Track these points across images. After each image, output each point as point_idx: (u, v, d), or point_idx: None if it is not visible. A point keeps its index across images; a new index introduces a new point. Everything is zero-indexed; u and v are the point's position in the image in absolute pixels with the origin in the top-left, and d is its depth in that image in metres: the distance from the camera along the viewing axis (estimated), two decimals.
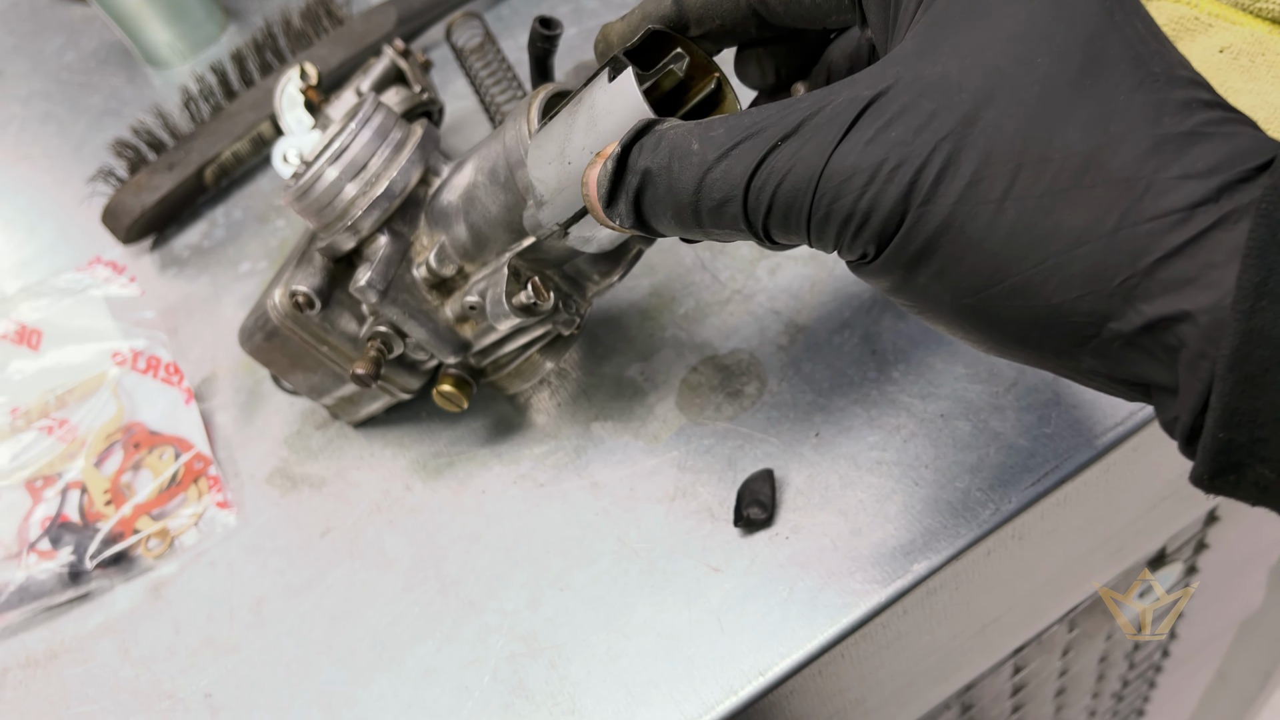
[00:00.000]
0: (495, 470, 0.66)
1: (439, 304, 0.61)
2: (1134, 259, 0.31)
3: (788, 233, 0.38)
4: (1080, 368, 0.35)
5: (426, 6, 0.95)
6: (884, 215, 0.35)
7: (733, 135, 0.38)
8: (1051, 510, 0.58)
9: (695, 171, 0.39)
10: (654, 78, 0.47)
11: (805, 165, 0.36)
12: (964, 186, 0.33)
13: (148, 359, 0.77)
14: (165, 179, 0.87)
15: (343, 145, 0.58)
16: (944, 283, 0.35)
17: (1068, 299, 0.33)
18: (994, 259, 0.34)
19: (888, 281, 0.38)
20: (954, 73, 0.34)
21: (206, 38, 1.08)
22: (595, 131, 0.45)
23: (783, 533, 0.59)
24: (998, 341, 0.37)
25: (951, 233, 0.34)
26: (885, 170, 0.34)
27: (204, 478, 0.71)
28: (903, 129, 0.34)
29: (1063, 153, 0.32)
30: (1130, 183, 0.32)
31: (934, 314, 0.38)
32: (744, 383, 0.65)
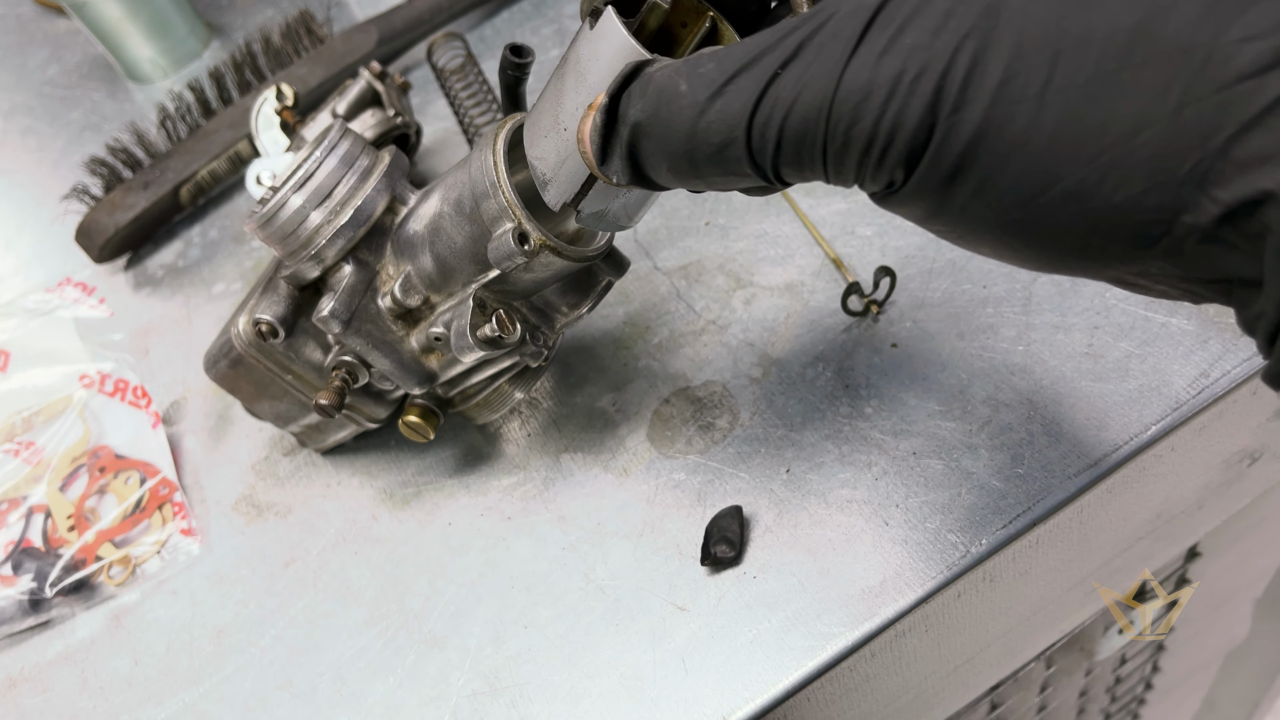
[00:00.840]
0: (462, 501, 0.65)
1: (404, 334, 0.60)
2: (1204, 139, 0.28)
3: (801, 169, 0.35)
4: (1148, 272, 0.32)
5: (408, 26, 0.94)
6: (910, 132, 0.31)
7: (725, 69, 0.34)
8: (1024, 552, 0.57)
9: (687, 115, 0.35)
10: (639, 19, 0.42)
11: (814, 90, 0.32)
12: (996, 85, 0.30)
13: (115, 382, 0.76)
14: (140, 198, 0.86)
15: (308, 172, 0.57)
16: (986, 198, 0.32)
17: (1131, 195, 0.29)
18: (1040, 163, 0.30)
19: (920, 208, 0.34)
20: None
21: (189, 54, 1.07)
22: (584, 85, 0.41)
23: (750, 571, 0.58)
24: (1053, 255, 0.33)
25: (989, 140, 0.30)
26: (906, 81, 0.31)
27: (169, 504, 0.70)
28: (919, 33, 0.31)
29: (1105, 30, 0.29)
30: (1188, 52, 0.28)
31: (976, 237, 0.34)
32: (716, 415, 0.64)
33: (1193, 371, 0.58)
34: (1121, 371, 0.59)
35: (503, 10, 0.99)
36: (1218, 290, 0.31)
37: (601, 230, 0.48)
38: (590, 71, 0.41)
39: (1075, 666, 0.81)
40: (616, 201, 0.46)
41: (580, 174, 0.44)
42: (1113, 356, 0.60)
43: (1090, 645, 0.79)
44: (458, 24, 0.98)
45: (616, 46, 0.40)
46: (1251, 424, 0.64)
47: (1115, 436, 0.57)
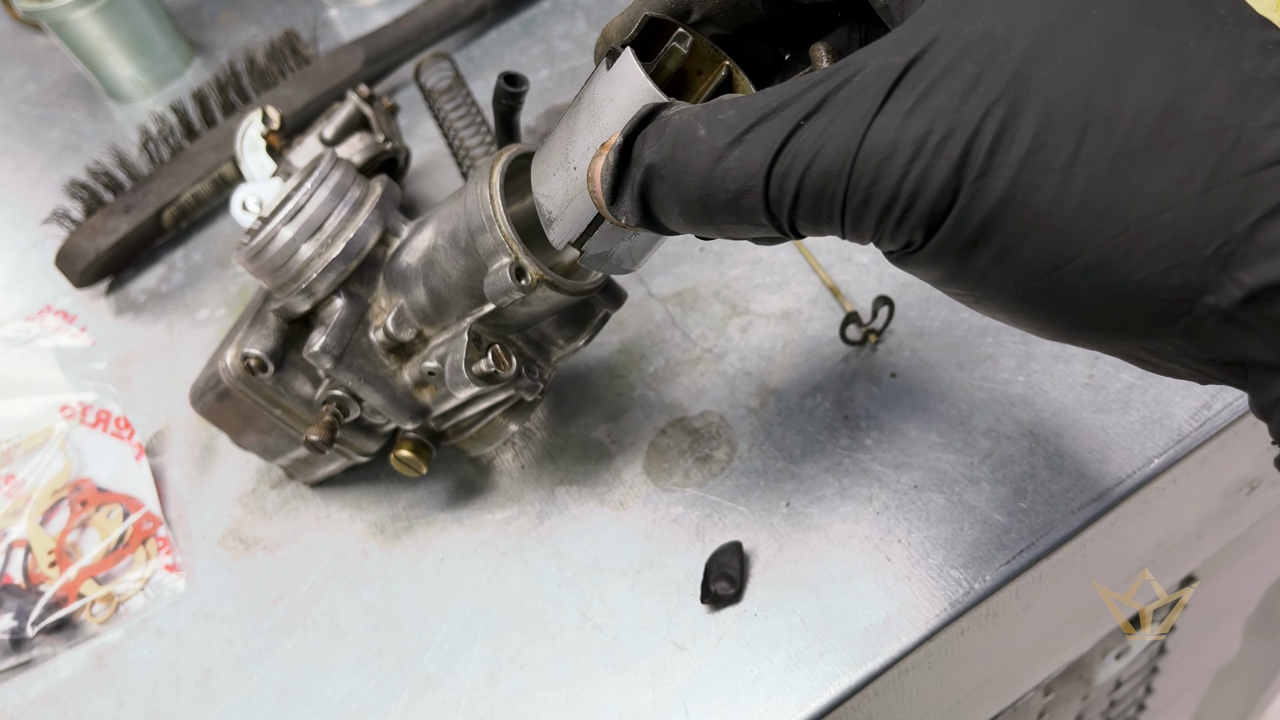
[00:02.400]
0: (455, 536, 0.64)
1: (397, 368, 0.58)
2: (1229, 221, 0.28)
3: (818, 223, 0.34)
4: (1164, 350, 0.32)
5: (394, 46, 0.93)
6: (933, 195, 0.31)
7: (746, 117, 0.34)
8: (1027, 587, 0.56)
9: (704, 160, 0.34)
10: (657, 62, 0.42)
11: (836, 144, 0.32)
12: (1024, 154, 0.30)
13: (97, 413, 0.74)
14: (122, 221, 0.84)
15: (298, 204, 0.56)
16: (1006, 266, 0.32)
17: (1154, 273, 0.29)
18: (1064, 234, 0.30)
19: (937, 270, 0.34)
20: (997, 29, 0.31)
21: (170, 72, 1.06)
22: (598, 125, 0.40)
23: (751, 609, 0.57)
24: (1069, 327, 0.33)
25: (1013, 208, 0.30)
26: (932, 143, 0.30)
27: (153, 539, 0.69)
28: (946, 95, 0.30)
29: (1134, 107, 0.29)
30: (1217, 134, 0.28)
31: (994, 303, 0.34)
32: (713, 447, 0.63)
33: (1194, 403, 0.58)
34: (1123, 403, 0.59)
35: (490, 30, 0.98)
36: (1232, 372, 0.31)
37: (604, 272, 0.47)
38: (605, 112, 0.40)
39: (1073, 694, 0.80)
40: (621, 244, 0.45)
41: (587, 214, 0.43)
42: (1114, 388, 0.59)
43: (1088, 673, 0.78)
44: (445, 44, 0.97)
45: (633, 88, 0.39)
46: (1252, 453, 0.64)
47: (1118, 470, 0.57)
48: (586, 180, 0.40)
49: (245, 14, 1.12)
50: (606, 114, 0.40)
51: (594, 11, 0.96)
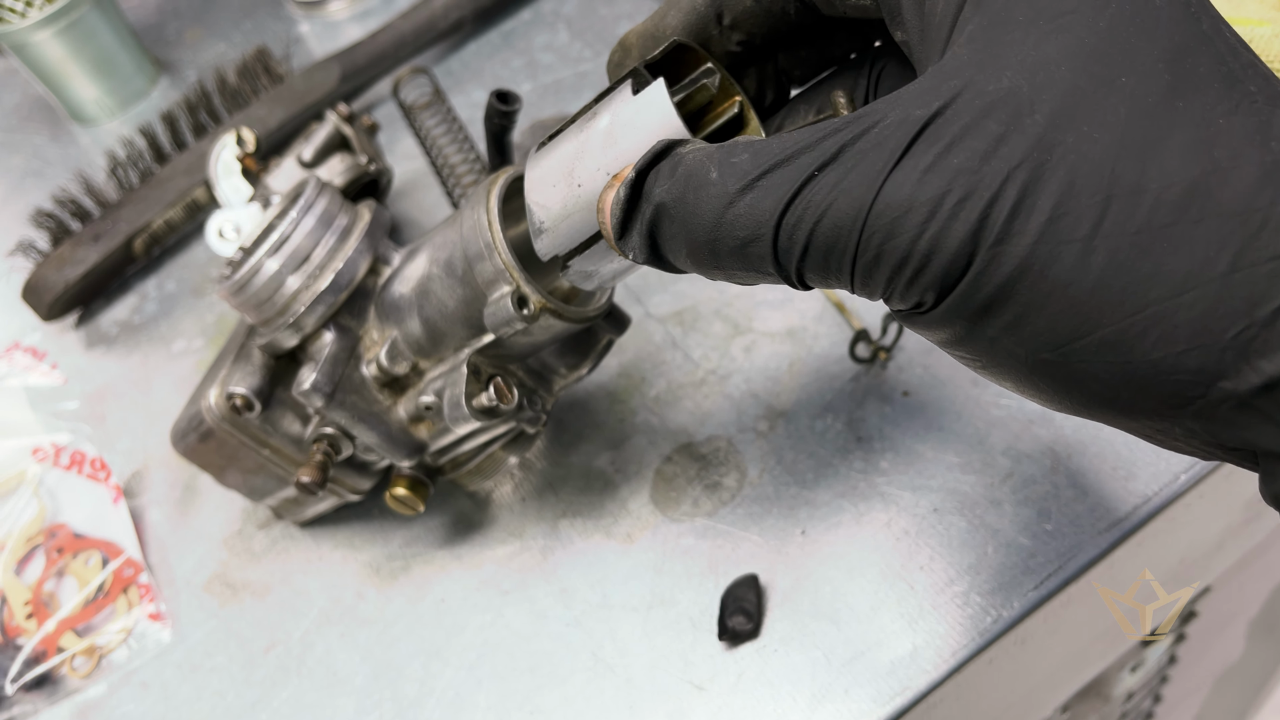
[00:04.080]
0: (455, 575, 0.61)
1: (391, 404, 0.56)
2: (1251, 306, 0.27)
3: (826, 277, 0.33)
4: (1174, 431, 0.31)
5: (371, 61, 0.90)
6: (948, 258, 0.30)
7: (760, 163, 0.33)
8: (1055, 612, 0.54)
9: (714, 204, 0.33)
10: (683, 92, 0.40)
11: (849, 199, 0.31)
12: (1044, 223, 0.28)
13: (72, 454, 0.71)
14: (91, 251, 0.81)
15: (283, 234, 0.53)
16: (1018, 335, 0.30)
17: (1170, 354, 0.28)
18: (1081, 307, 0.29)
19: (947, 333, 0.33)
20: (1024, 89, 0.29)
21: (136, 93, 1.02)
22: (614, 150, 0.39)
23: (770, 644, 0.54)
24: (1078, 402, 0.32)
25: (1030, 277, 0.29)
26: (949, 204, 0.29)
27: (135, 586, 0.65)
28: (967, 154, 0.29)
29: (1160, 181, 0.28)
30: (1244, 216, 0.27)
31: (1001, 370, 0.33)
32: (722, 473, 0.61)
33: None
34: None
35: (469, 43, 0.95)
36: (1241, 457, 0.30)
37: (581, 287, 0.46)
38: (623, 138, 0.38)
39: (1091, 711, 0.78)
40: (608, 266, 0.44)
41: (583, 232, 0.42)
42: None
43: (1107, 689, 0.77)
44: (423, 58, 0.94)
45: (658, 121, 0.37)
46: None
47: (1144, 487, 0.55)
48: (596, 209, 0.39)
49: (213, 30, 1.09)
50: (625, 140, 0.38)
51: (575, 22, 0.93)
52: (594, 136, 0.40)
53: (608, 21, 0.92)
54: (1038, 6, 0.30)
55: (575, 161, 0.41)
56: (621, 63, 0.43)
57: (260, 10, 1.09)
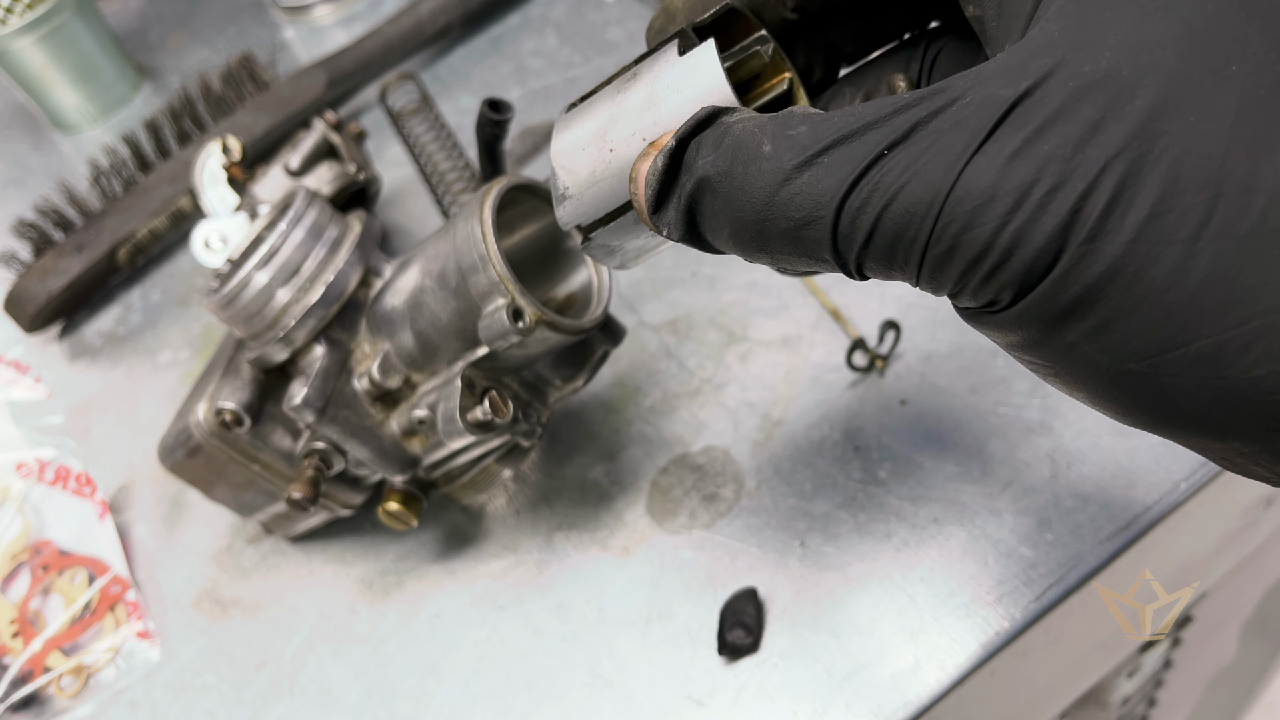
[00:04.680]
0: (450, 590, 0.60)
1: (384, 418, 0.55)
2: None
3: (890, 267, 0.30)
4: (1261, 457, 0.28)
5: (358, 67, 0.89)
6: (1032, 253, 0.27)
7: (820, 137, 0.30)
8: (1056, 622, 0.54)
9: (767, 181, 0.30)
10: (734, 59, 0.37)
11: (924, 182, 0.28)
12: (1143, 219, 0.26)
13: (56, 470, 0.69)
14: (74, 262, 0.80)
15: (273, 246, 0.52)
16: (1103, 342, 0.28)
17: (1274, 371, 0.26)
18: (1178, 316, 0.26)
19: (1019, 336, 0.30)
20: (1124, 71, 0.27)
21: (118, 99, 1.01)
22: (654, 114, 0.36)
23: (770, 658, 0.54)
24: (1160, 419, 0.29)
25: (1122, 279, 0.27)
26: (1037, 194, 0.27)
27: (122, 604, 0.64)
28: (1059, 140, 0.27)
29: (1274, 181, 0.25)
30: None
31: (1077, 379, 0.30)
32: (719, 484, 0.60)
33: None
34: None
35: (457, 48, 0.94)
36: None
37: (600, 263, 0.43)
38: (665, 100, 0.35)
39: (1089, 718, 0.78)
40: (633, 242, 0.40)
41: (611, 202, 0.38)
42: None
43: (1105, 696, 0.76)
44: (410, 63, 0.93)
45: (707, 85, 0.34)
46: None
47: (1144, 496, 0.54)
48: (629, 179, 0.35)
49: (196, 36, 1.08)
50: (667, 104, 0.35)
51: (565, 27, 0.92)
52: (632, 99, 0.37)
53: (597, 26, 0.92)
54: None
55: (609, 125, 0.37)
56: (665, 28, 0.40)
57: (244, 16, 1.08)
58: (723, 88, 0.34)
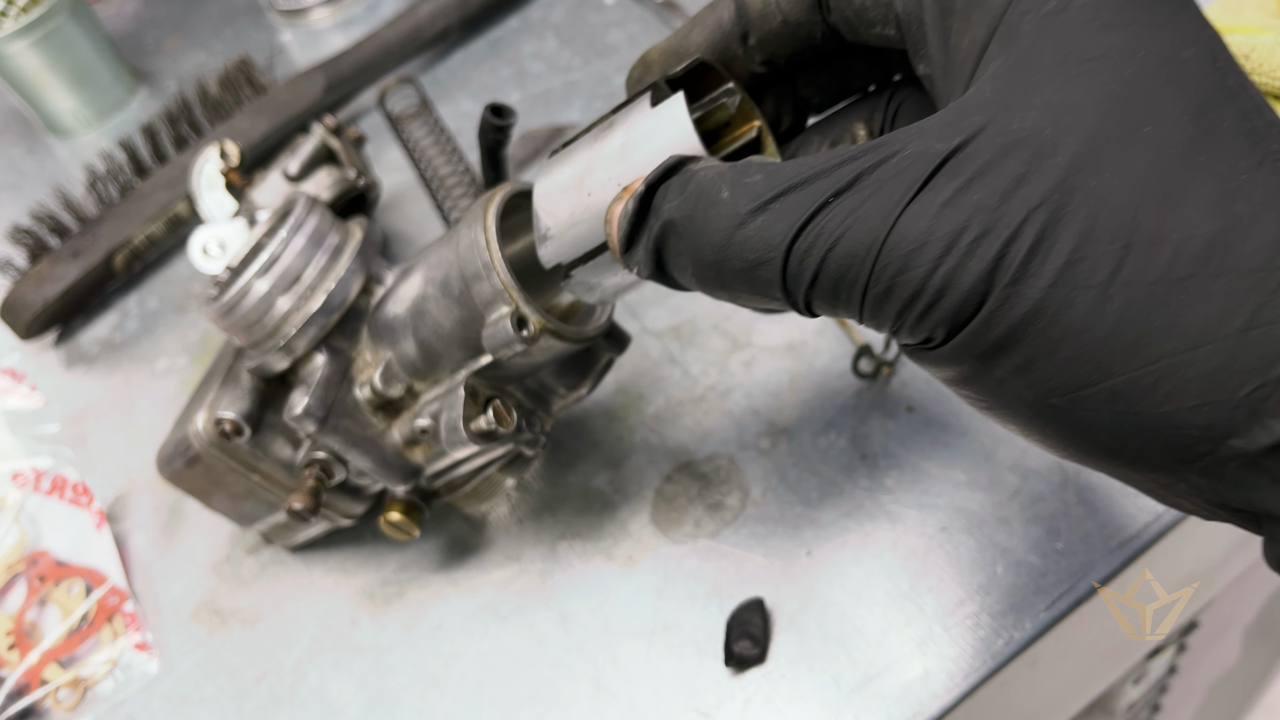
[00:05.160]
0: (452, 600, 0.60)
1: (385, 427, 0.54)
2: (1267, 365, 0.27)
3: (835, 305, 0.32)
4: (1178, 487, 0.30)
5: (356, 71, 0.89)
6: (961, 295, 0.29)
7: (773, 185, 0.32)
8: (1066, 632, 0.53)
9: (724, 224, 0.33)
10: (702, 110, 0.40)
11: (864, 228, 0.30)
12: (1061, 266, 0.28)
13: (53, 479, 0.69)
14: (70, 268, 0.79)
15: (273, 254, 0.51)
16: (1027, 378, 0.30)
17: (1181, 408, 0.28)
18: (1093, 355, 0.28)
19: (954, 371, 0.32)
20: (1047, 130, 0.29)
21: (114, 103, 1.00)
22: (627, 161, 0.38)
23: (777, 669, 0.53)
24: (1083, 450, 0.31)
25: (1043, 320, 0.29)
26: (965, 240, 0.29)
27: (120, 615, 0.63)
28: (987, 192, 0.29)
29: (1181, 233, 0.27)
30: (1263, 273, 0.27)
31: (1007, 413, 0.32)
32: (724, 493, 0.60)
33: None
34: None
35: (456, 51, 0.94)
36: (1245, 518, 0.30)
37: (581, 298, 0.45)
38: (637, 149, 0.38)
39: None
40: (611, 279, 0.43)
41: (588, 242, 0.41)
42: None
43: (1112, 704, 0.76)
44: (409, 67, 0.93)
45: (675, 135, 0.37)
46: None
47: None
48: (604, 220, 0.38)
49: (192, 39, 1.07)
50: (640, 152, 0.38)
51: (564, 30, 0.92)
52: (608, 146, 0.39)
53: (597, 29, 0.91)
54: (1065, 50, 0.30)
55: (587, 170, 0.40)
56: (642, 78, 0.43)
57: (241, 18, 1.07)
58: (690, 138, 0.37)
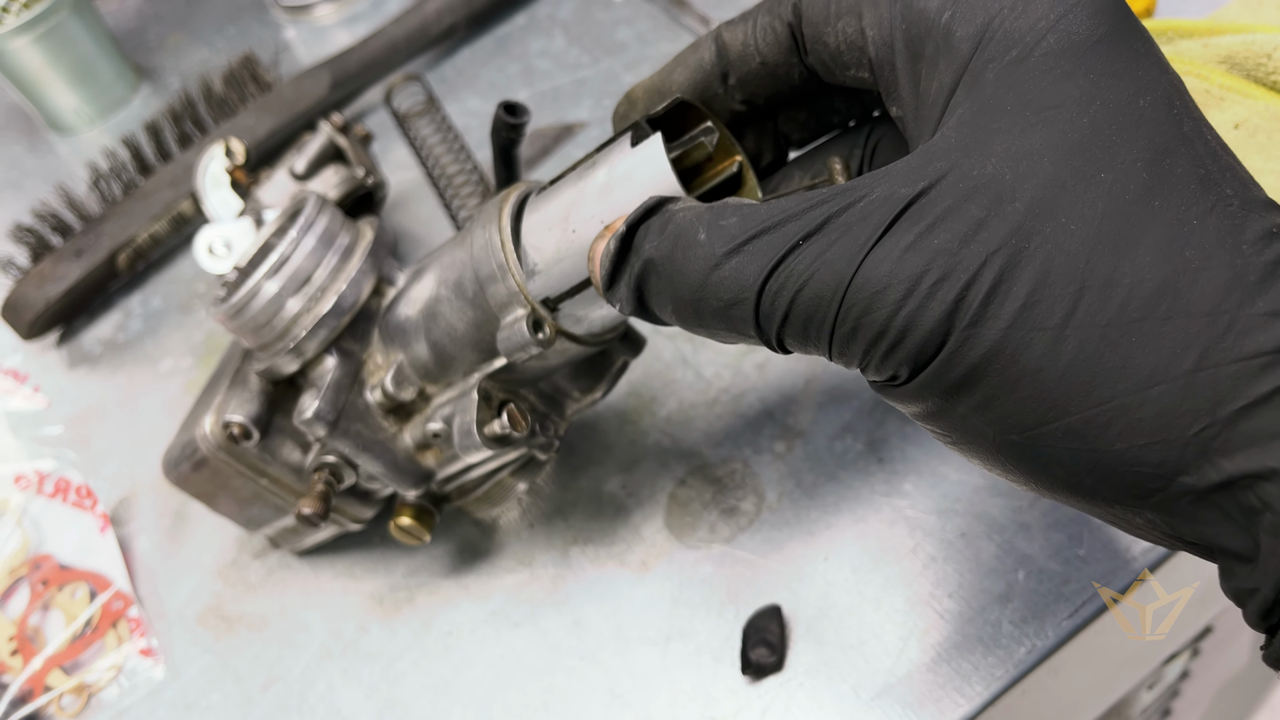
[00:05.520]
0: (463, 606, 0.59)
1: (397, 430, 0.53)
2: (1214, 405, 0.28)
3: (806, 345, 0.34)
4: (1135, 521, 0.31)
5: (362, 68, 0.88)
6: (922, 335, 0.31)
7: (747, 227, 0.33)
8: (1089, 640, 0.53)
9: (701, 265, 0.34)
10: (681, 149, 0.41)
11: (831, 271, 0.31)
12: (1018, 309, 0.29)
13: (56, 481, 0.68)
14: (72, 267, 0.78)
15: (283, 254, 0.50)
16: (988, 415, 0.31)
17: (1133, 445, 0.29)
18: (1049, 394, 0.30)
19: (919, 408, 0.34)
20: (1006, 176, 0.30)
21: (116, 100, 0.99)
22: (609, 200, 0.40)
23: (795, 677, 0.52)
24: (1043, 484, 0.32)
25: (1001, 361, 0.30)
26: (926, 283, 0.30)
27: (124, 620, 0.62)
28: (947, 236, 0.30)
29: (1132, 277, 0.29)
30: (1211, 317, 0.28)
31: (971, 447, 0.34)
32: (739, 497, 0.59)
33: None
34: None
35: (462, 48, 0.93)
36: (1200, 550, 0.31)
37: (570, 331, 0.47)
38: (619, 188, 0.40)
39: None
40: (597, 312, 0.46)
41: (573, 277, 0.43)
42: None
43: (1128, 710, 0.75)
44: (415, 64, 0.92)
45: (654, 176, 0.39)
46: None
47: None
48: (587, 258, 0.39)
49: (195, 36, 1.06)
50: (620, 191, 0.40)
51: (572, 27, 0.91)
52: (591, 185, 0.41)
53: (605, 26, 0.90)
54: (1025, 98, 0.31)
55: (571, 208, 0.42)
56: (627, 115, 0.45)
57: (244, 15, 1.06)
58: (668, 177, 0.38)
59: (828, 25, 0.37)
